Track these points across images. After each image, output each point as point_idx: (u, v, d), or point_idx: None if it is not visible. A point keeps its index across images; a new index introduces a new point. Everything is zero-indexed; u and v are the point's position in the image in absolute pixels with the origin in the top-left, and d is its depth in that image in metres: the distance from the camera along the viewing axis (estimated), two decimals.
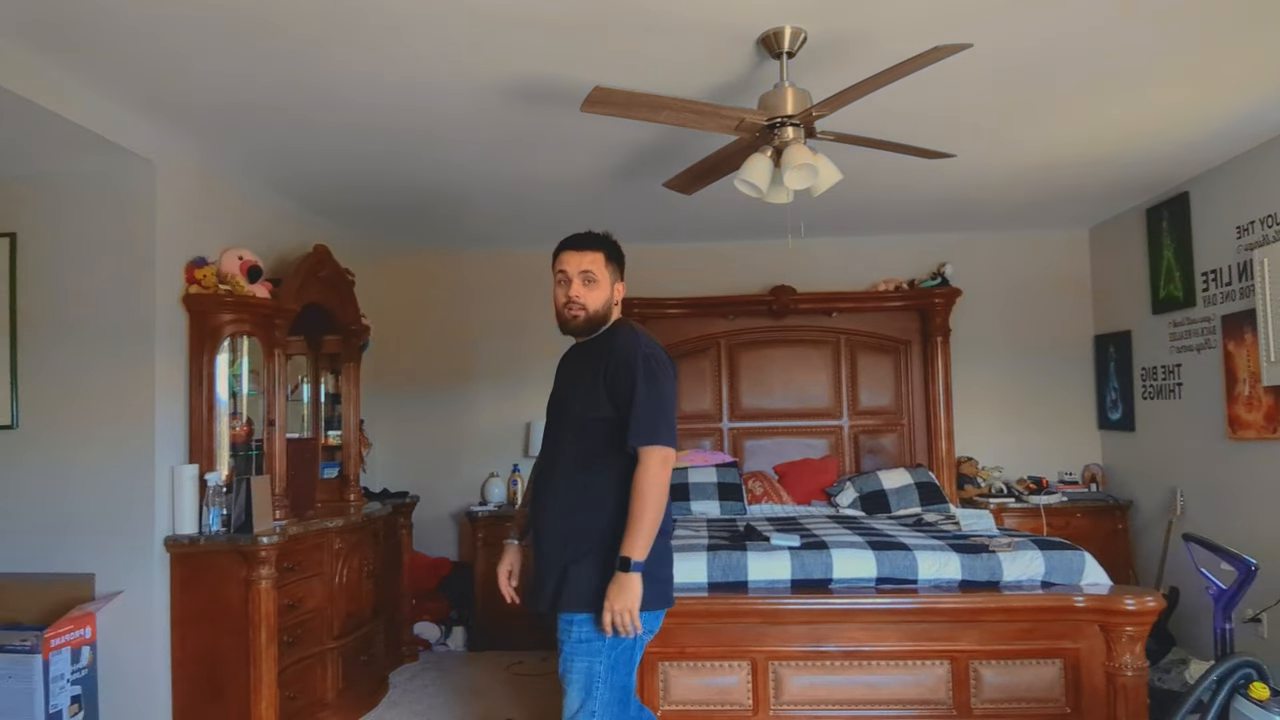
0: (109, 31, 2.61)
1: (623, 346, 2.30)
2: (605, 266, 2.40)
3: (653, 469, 2.18)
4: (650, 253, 5.72)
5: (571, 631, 2.21)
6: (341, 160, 3.91)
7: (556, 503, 2.31)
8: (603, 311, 2.38)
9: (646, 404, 2.21)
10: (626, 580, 2.13)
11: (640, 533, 2.14)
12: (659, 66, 2.91)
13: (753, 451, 5.56)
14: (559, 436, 2.37)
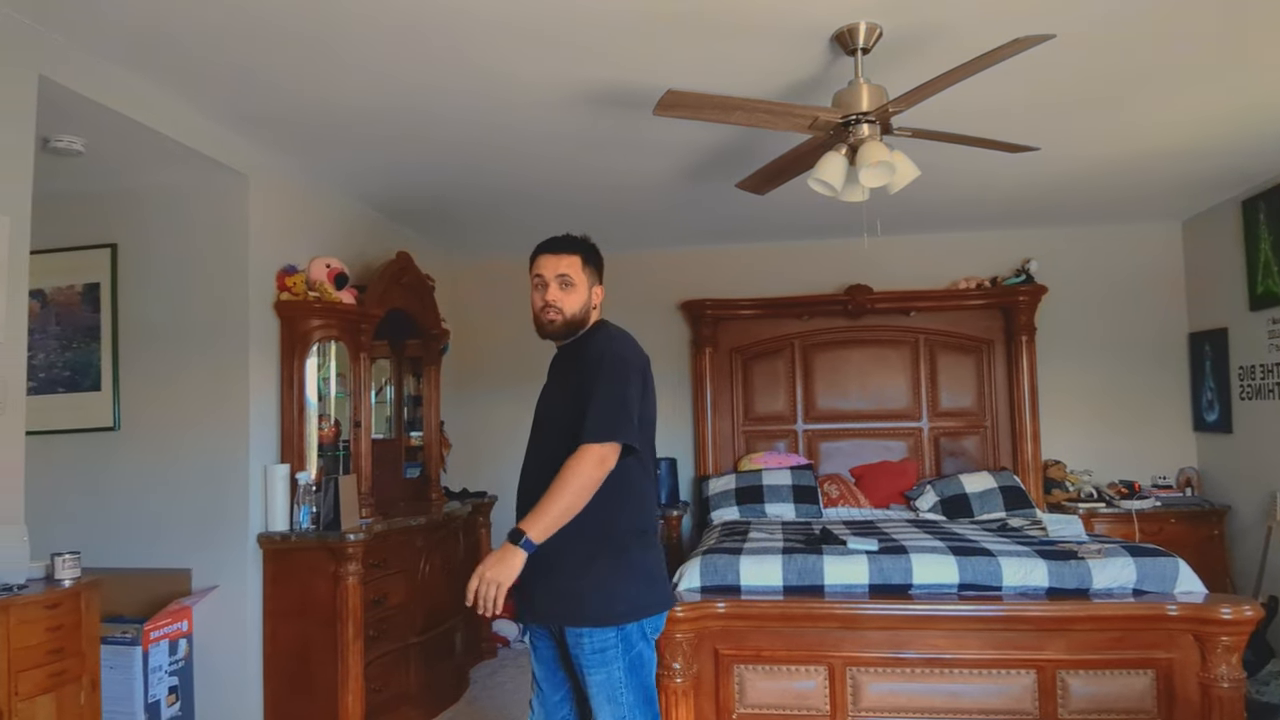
0: (204, 53, 2.75)
1: (597, 347, 2.25)
2: (582, 270, 2.32)
3: (587, 464, 2.05)
4: (722, 254, 5.73)
5: (584, 644, 2.14)
6: (422, 170, 4.02)
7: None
8: (580, 315, 2.31)
9: (601, 400, 2.10)
10: (510, 553, 2.02)
11: (546, 514, 2.03)
12: (730, 67, 2.92)
13: (828, 454, 5.49)
14: (544, 444, 2.27)
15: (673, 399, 5.72)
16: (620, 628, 2.15)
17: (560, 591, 2.15)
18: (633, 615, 2.17)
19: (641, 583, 2.21)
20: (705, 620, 3.09)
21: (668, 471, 5.43)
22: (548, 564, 2.13)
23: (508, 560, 2.02)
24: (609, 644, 2.13)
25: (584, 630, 2.13)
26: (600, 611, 2.13)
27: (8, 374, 2.44)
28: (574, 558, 2.13)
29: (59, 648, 2.31)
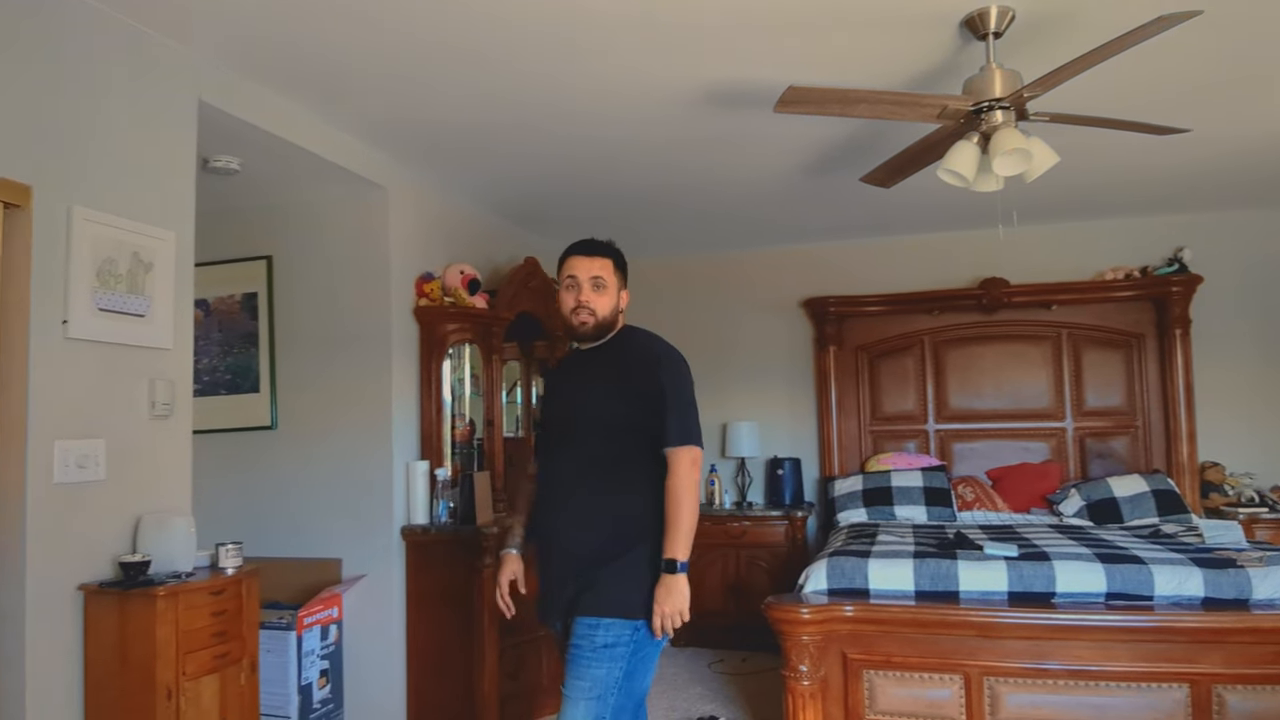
0: (346, 75, 2.92)
1: (646, 348, 2.28)
2: (614, 273, 2.33)
3: (685, 470, 2.15)
4: (846, 249, 5.61)
5: (596, 637, 2.10)
6: (548, 176, 4.13)
7: (581, 513, 2.20)
8: (610, 318, 2.31)
9: (677, 405, 2.18)
10: (674, 582, 2.09)
11: (681, 534, 2.11)
12: (853, 59, 2.86)
13: (962, 455, 5.29)
14: (577, 445, 2.25)
15: (795, 398, 5.65)
16: (636, 628, 2.11)
17: (585, 583, 2.14)
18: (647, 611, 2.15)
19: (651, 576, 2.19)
20: (832, 623, 3.04)
21: (791, 472, 5.37)
22: (575, 562, 2.16)
23: (675, 590, 2.09)
24: (620, 640, 2.10)
25: (600, 620, 2.10)
26: (626, 604, 2.10)
27: (177, 378, 2.67)
28: (606, 556, 2.14)
29: (222, 631, 2.49)
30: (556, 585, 2.20)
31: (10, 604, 2.18)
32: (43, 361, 2.24)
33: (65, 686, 2.28)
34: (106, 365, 2.43)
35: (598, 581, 2.13)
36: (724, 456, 5.66)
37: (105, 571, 2.39)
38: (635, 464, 2.18)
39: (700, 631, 5.22)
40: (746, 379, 5.75)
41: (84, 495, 2.34)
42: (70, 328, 2.31)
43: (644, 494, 2.17)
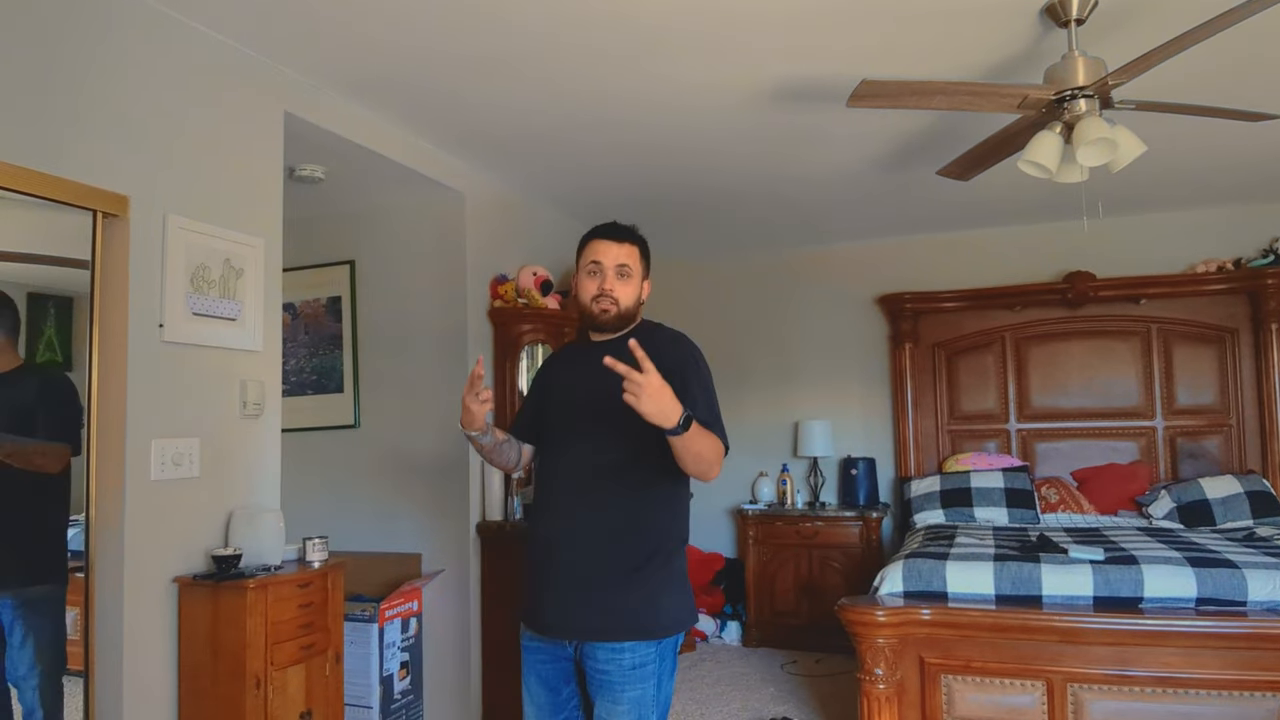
0: (423, 84, 3.00)
1: (674, 346, 2.12)
2: (640, 262, 2.16)
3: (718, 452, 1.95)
4: (922, 244, 5.50)
5: (623, 660, 1.97)
6: (617, 177, 4.15)
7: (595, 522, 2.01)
8: (632, 309, 2.14)
9: (709, 410, 2.02)
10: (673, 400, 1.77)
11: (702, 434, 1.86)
12: (927, 51, 2.80)
13: (1046, 455, 5.13)
14: (590, 445, 2.05)
15: (869, 397, 5.56)
16: (659, 642, 2.01)
17: (600, 605, 1.98)
18: (674, 628, 2.04)
19: (684, 593, 2.09)
20: (909, 626, 2.99)
21: (866, 472, 5.29)
22: (585, 575, 1.99)
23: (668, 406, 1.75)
24: (648, 659, 1.99)
25: (624, 645, 1.97)
26: (645, 625, 1.98)
27: (266, 379, 2.78)
28: (618, 569, 1.99)
29: (309, 623, 2.58)
30: (563, 602, 2.02)
31: (110, 595, 2.30)
32: (140, 363, 2.36)
33: (160, 674, 2.40)
34: (200, 367, 2.55)
35: (617, 603, 1.98)
36: (796, 456, 5.61)
37: (199, 564, 2.50)
38: (655, 470, 1.98)
39: (773, 631, 5.19)
40: (819, 377, 5.68)
41: (179, 491, 2.46)
42: (166, 331, 2.43)
43: (663, 503, 2.04)
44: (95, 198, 2.26)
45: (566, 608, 2.01)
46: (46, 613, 2.35)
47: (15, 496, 2.29)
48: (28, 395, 2.37)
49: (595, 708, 2.01)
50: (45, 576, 2.38)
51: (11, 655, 2.29)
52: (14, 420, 2.32)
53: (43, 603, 2.35)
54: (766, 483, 5.55)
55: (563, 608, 2.01)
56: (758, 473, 5.65)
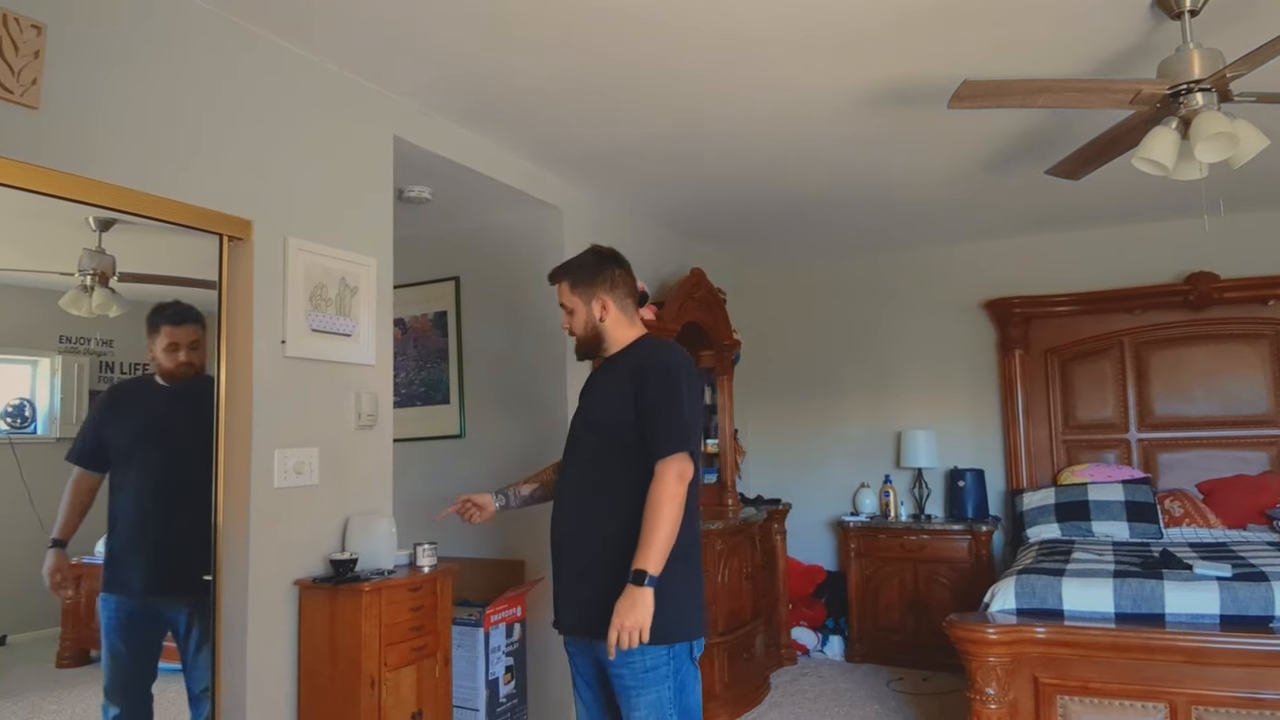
0: (524, 106, 3.10)
1: (639, 355, 2.25)
2: (572, 294, 2.33)
3: (668, 480, 2.05)
4: (1030, 246, 5.30)
5: (634, 663, 2.05)
6: (712, 187, 4.17)
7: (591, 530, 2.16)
8: (590, 334, 2.32)
9: (660, 413, 2.11)
10: (640, 595, 1.98)
11: (655, 545, 2.00)
12: (1031, 48, 2.72)
13: (1169, 466, 4.85)
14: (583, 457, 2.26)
15: (977, 406, 5.38)
16: (671, 646, 2.07)
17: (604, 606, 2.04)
18: (686, 634, 2.10)
19: (696, 597, 2.15)
20: (1022, 645, 2.89)
21: (974, 484, 5.12)
22: (597, 577, 2.10)
23: (639, 603, 1.98)
24: (660, 663, 2.06)
25: (634, 649, 2.02)
26: (654, 629, 2.01)
27: (379, 391, 2.91)
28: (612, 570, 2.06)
29: (419, 626, 2.68)
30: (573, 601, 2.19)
31: (235, 597, 2.45)
32: (264, 378, 2.51)
33: (281, 673, 2.53)
34: (319, 380, 2.69)
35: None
36: (899, 467, 5.48)
37: (317, 568, 2.64)
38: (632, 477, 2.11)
39: (877, 647, 5.07)
40: (922, 386, 5.54)
41: (300, 498, 2.60)
42: (288, 347, 2.57)
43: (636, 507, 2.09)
44: (221, 222, 2.42)
45: (578, 606, 2.17)
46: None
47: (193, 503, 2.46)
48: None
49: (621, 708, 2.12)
50: None
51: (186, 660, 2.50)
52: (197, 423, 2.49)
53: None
54: (868, 494, 5.45)
55: (574, 606, 2.18)
56: (859, 483, 5.55)
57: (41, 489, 2.46)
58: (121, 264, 2.45)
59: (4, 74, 1.90)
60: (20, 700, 2.45)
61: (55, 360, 2.57)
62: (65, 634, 2.55)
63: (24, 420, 2.52)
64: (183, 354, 2.55)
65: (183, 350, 2.55)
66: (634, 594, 1.98)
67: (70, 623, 2.54)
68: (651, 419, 2.11)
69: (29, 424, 2.53)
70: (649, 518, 2.03)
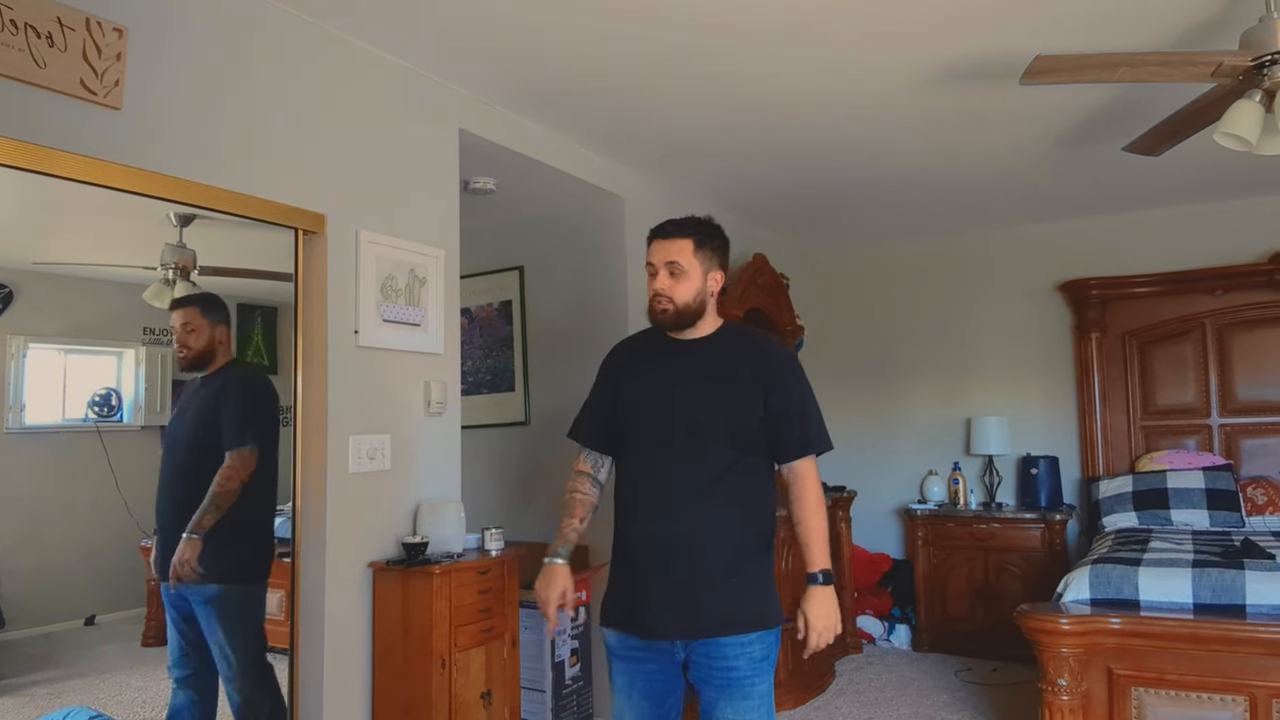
0: (585, 96, 3.13)
1: (763, 348, 2.15)
2: (694, 254, 2.10)
3: (816, 477, 2.11)
4: (1107, 225, 5.13)
5: (753, 652, 1.99)
6: (773, 172, 4.14)
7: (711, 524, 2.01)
8: (694, 305, 2.09)
9: (805, 410, 2.11)
10: (828, 595, 2.02)
11: (823, 544, 2.06)
12: (1105, 20, 2.63)
13: (1252, 452, 4.66)
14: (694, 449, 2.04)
15: (1050, 391, 5.24)
16: (775, 630, 2.05)
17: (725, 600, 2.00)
18: (781, 618, 2.09)
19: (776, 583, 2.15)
20: (1096, 636, 2.83)
21: (1048, 472, 4.99)
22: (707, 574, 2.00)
23: (831, 602, 2.03)
24: (770, 649, 2.03)
25: (751, 637, 1.99)
26: (767, 614, 2.02)
27: (448, 379, 2.98)
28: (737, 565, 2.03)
29: (488, 608, 2.75)
30: (683, 603, 2.00)
31: (313, 578, 2.54)
32: (339, 367, 2.59)
33: (356, 652, 2.63)
34: (390, 369, 2.77)
35: (742, 596, 2.02)
36: (969, 454, 5.37)
37: (390, 551, 2.72)
38: (760, 471, 2.10)
39: (945, 636, 5.01)
40: (993, 370, 5.42)
41: (373, 483, 2.69)
42: (360, 337, 2.66)
43: (764, 497, 2.11)
44: (297, 217, 2.50)
45: (687, 607, 1.99)
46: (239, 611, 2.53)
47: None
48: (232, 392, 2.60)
49: (717, 711, 2.00)
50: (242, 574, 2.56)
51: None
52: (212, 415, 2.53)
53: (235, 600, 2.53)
54: (936, 482, 5.36)
55: (683, 608, 2.00)
56: (927, 471, 5.46)
57: (127, 475, 2.58)
58: (201, 258, 2.54)
59: (88, 76, 2.00)
60: (109, 677, 2.56)
61: (140, 351, 2.69)
62: (150, 614, 2.64)
63: (111, 409, 2.64)
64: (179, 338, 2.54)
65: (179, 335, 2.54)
66: (822, 595, 2.02)
67: (155, 603, 2.62)
68: (793, 415, 2.08)
69: (115, 413, 2.65)
70: (811, 517, 2.06)
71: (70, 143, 1.95)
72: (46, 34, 1.93)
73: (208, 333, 2.53)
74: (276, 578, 2.60)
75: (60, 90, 1.95)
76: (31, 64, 1.90)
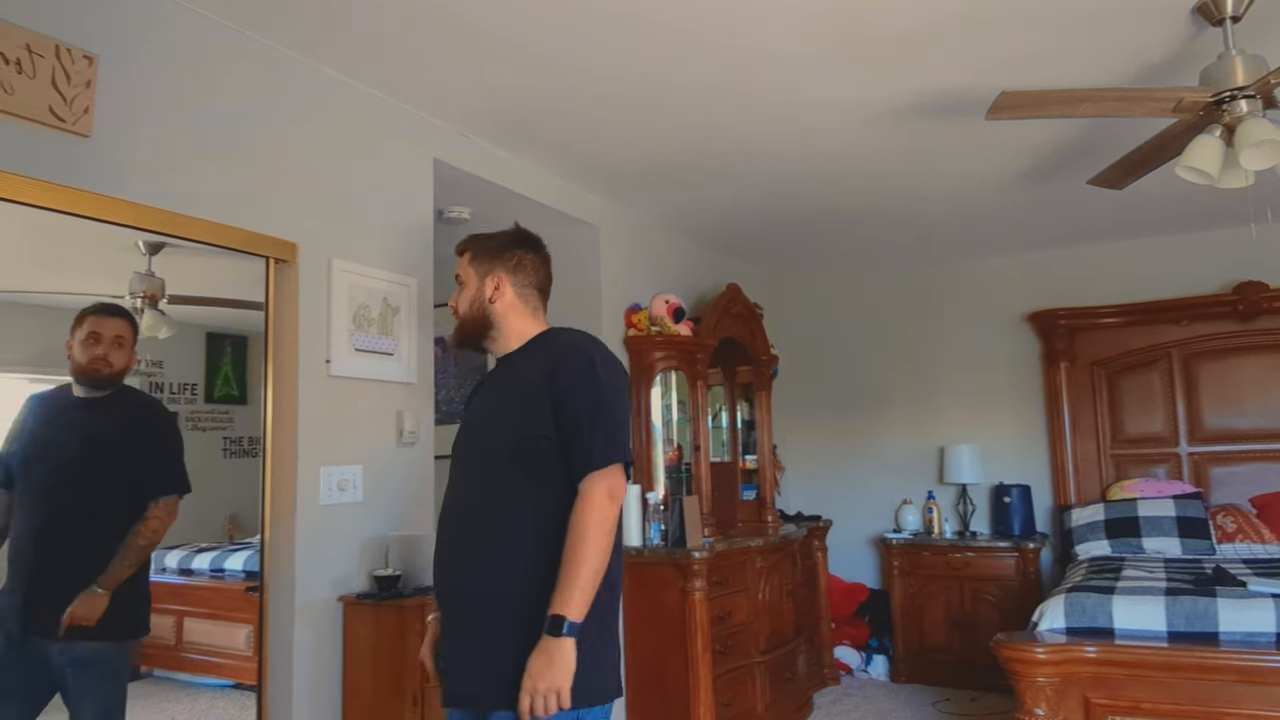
0: (559, 127, 3.15)
1: (554, 347, 1.85)
2: (469, 265, 1.97)
3: (597, 501, 1.65)
4: (1073, 257, 5.22)
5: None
6: (745, 204, 4.18)
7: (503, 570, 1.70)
8: (472, 315, 1.93)
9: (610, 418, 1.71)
10: (559, 649, 1.57)
11: (578, 585, 1.59)
12: (1069, 57, 2.70)
13: (1221, 480, 4.72)
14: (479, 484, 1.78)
15: (1022, 420, 5.29)
16: (578, 713, 1.62)
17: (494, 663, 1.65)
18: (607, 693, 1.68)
19: (617, 645, 1.76)
20: (1071, 665, 2.83)
21: (1020, 500, 5.02)
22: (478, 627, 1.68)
23: (557, 659, 1.57)
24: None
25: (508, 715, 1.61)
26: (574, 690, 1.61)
27: (420, 409, 2.95)
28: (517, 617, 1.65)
29: None
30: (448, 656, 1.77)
31: (282, 612, 2.48)
32: (310, 396, 2.56)
33: (327, 688, 2.56)
34: (362, 399, 2.73)
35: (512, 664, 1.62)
36: (942, 483, 5.40)
37: (360, 584, 2.67)
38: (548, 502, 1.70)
39: (923, 667, 4.99)
40: (964, 400, 5.46)
41: (344, 515, 2.64)
42: (332, 366, 2.63)
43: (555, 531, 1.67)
44: (268, 245, 2.48)
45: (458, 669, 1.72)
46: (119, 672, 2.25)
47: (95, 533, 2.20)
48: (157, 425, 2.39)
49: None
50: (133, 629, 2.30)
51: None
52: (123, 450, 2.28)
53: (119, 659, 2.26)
54: (911, 510, 5.37)
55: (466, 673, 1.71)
56: (901, 500, 5.48)
57: None
58: (171, 286, 2.50)
59: (57, 103, 1.98)
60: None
61: None
62: None
63: None
64: (102, 348, 2.19)
65: (104, 344, 2.20)
66: (551, 648, 1.57)
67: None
68: (578, 424, 1.69)
69: None
70: (572, 548, 1.62)
71: (38, 169, 1.93)
72: (15, 60, 1.91)
73: (129, 354, 2.25)
74: (243, 612, 2.54)
75: (28, 117, 1.93)
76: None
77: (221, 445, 2.63)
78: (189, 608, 2.61)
